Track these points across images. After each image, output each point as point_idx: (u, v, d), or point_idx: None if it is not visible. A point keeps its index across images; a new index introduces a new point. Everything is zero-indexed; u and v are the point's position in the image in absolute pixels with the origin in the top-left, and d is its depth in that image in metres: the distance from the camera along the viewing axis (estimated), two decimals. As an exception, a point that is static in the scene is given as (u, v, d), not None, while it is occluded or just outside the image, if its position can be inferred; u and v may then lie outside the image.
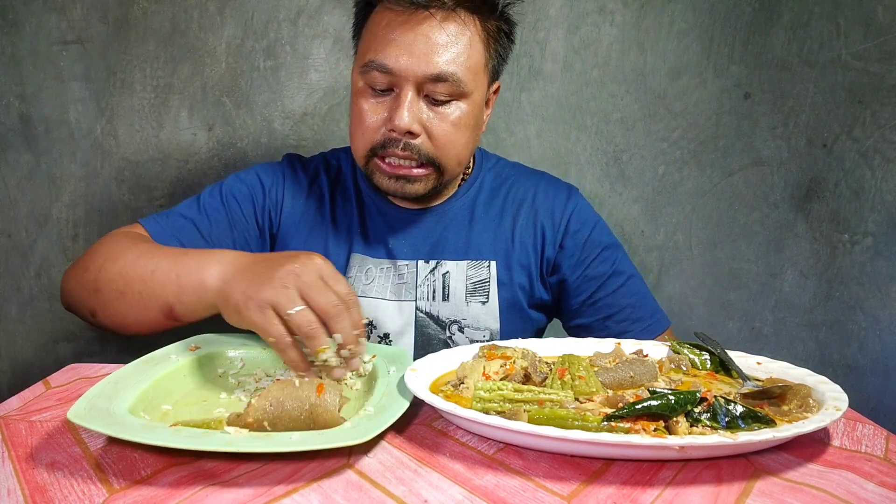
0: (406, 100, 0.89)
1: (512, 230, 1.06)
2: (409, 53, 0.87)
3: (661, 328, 1.06)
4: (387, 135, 0.92)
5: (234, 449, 0.52)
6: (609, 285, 1.05)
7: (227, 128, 1.47)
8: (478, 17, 0.92)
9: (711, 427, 0.59)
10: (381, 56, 0.88)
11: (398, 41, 0.87)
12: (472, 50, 0.91)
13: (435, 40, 0.88)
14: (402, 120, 0.88)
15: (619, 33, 1.50)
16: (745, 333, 1.62)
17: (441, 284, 1.03)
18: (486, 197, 1.08)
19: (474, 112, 0.95)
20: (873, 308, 1.56)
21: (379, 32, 0.90)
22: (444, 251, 1.05)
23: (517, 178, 1.11)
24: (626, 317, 1.05)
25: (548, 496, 0.51)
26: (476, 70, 0.92)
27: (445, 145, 0.93)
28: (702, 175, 1.56)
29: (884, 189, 1.53)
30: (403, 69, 0.88)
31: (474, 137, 0.98)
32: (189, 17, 1.43)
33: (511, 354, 0.73)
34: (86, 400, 0.58)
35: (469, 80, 0.91)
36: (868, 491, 0.53)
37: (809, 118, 1.53)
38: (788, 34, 1.50)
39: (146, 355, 0.73)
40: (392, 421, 0.59)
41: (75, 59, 1.42)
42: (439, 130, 0.92)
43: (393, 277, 1.04)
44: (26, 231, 1.48)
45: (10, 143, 1.44)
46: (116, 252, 0.85)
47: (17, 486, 0.52)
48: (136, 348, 0.77)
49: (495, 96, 1.04)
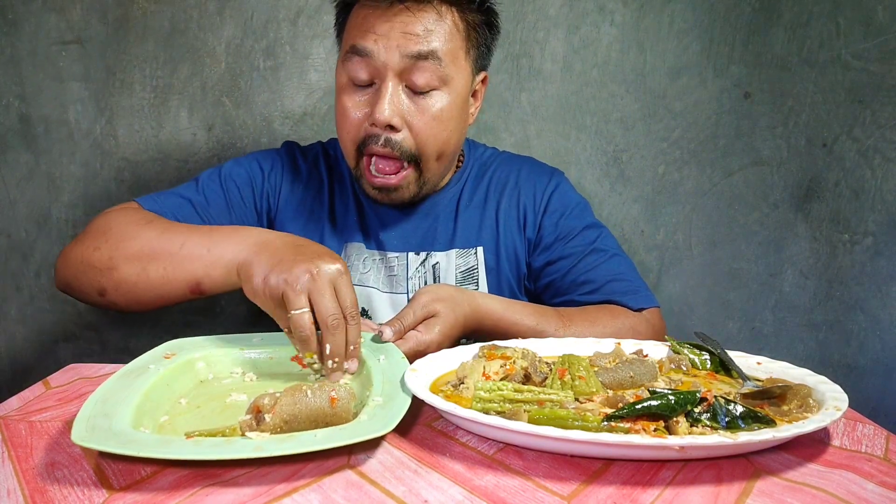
0: (387, 92, 0.89)
1: (496, 214, 1.07)
2: (387, 38, 0.88)
3: (647, 303, 1.00)
4: (368, 130, 0.92)
5: (265, 454, 0.52)
6: (588, 261, 1.03)
7: (226, 128, 1.47)
8: (455, 8, 0.92)
9: (711, 427, 0.59)
10: (361, 41, 0.89)
11: (376, 28, 0.89)
12: (450, 37, 0.91)
13: (412, 28, 0.89)
14: (382, 113, 0.89)
15: (618, 33, 1.50)
16: (745, 333, 1.62)
17: (432, 275, 1.05)
18: (471, 186, 1.10)
19: (457, 102, 0.94)
20: (873, 308, 1.56)
21: (357, 24, 0.91)
22: (434, 242, 1.06)
23: (500, 163, 1.13)
24: (610, 291, 1.00)
25: (548, 496, 0.51)
26: (455, 56, 0.92)
27: (427, 139, 0.93)
28: (702, 175, 1.56)
29: (884, 189, 1.52)
30: (382, 52, 0.88)
31: (459, 130, 0.98)
32: (189, 17, 1.43)
33: (511, 354, 0.73)
34: (83, 421, 0.56)
35: (450, 63, 0.91)
36: (868, 491, 0.53)
37: (809, 118, 1.53)
38: (788, 34, 1.50)
39: (123, 368, 0.70)
40: (406, 407, 0.60)
41: (75, 59, 1.42)
42: (420, 123, 0.92)
43: (384, 270, 1.05)
44: (26, 231, 1.48)
45: (9, 143, 1.44)
46: (132, 229, 0.85)
47: (17, 487, 0.52)
48: (137, 349, 0.77)
49: (484, 87, 1.04)
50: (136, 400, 0.63)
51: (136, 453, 0.51)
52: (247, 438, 0.55)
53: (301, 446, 0.53)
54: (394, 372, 0.70)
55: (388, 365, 0.72)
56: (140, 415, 0.61)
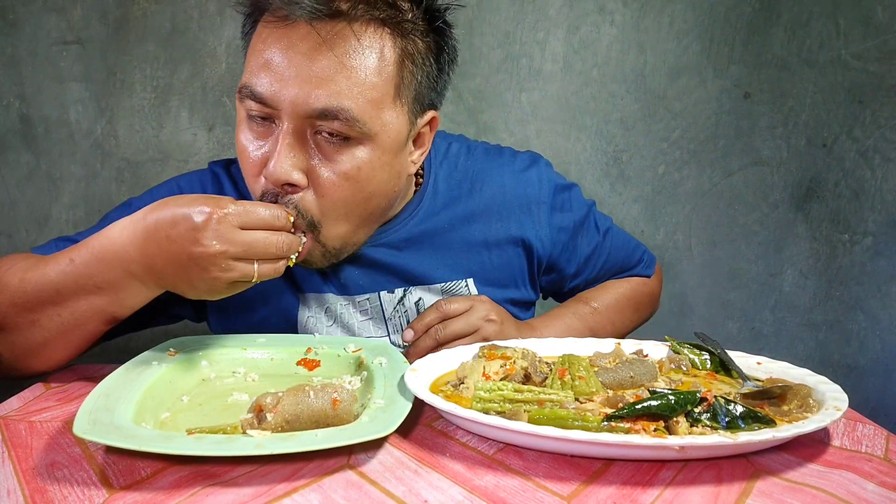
0: (285, 143, 0.70)
1: (485, 237, 0.92)
2: (284, 80, 0.69)
3: (652, 264, 1.11)
4: (265, 185, 0.74)
5: (266, 451, 0.52)
6: (602, 252, 1.04)
7: (226, 128, 1.47)
8: (387, 29, 0.72)
9: (711, 427, 0.59)
10: (254, 81, 0.71)
11: (272, 63, 0.69)
12: (374, 77, 0.70)
13: (318, 65, 0.68)
14: (277, 168, 0.70)
15: (618, 33, 1.50)
16: (745, 333, 1.62)
17: (415, 313, 0.90)
18: (442, 202, 0.90)
19: (383, 159, 0.74)
20: (873, 308, 1.56)
21: (256, 50, 0.72)
22: (411, 278, 0.90)
23: (476, 174, 0.93)
24: (621, 267, 1.07)
25: (548, 496, 0.51)
26: (381, 103, 0.72)
27: (334, 202, 0.74)
28: (702, 175, 1.56)
29: (884, 189, 1.52)
30: (278, 100, 0.69)
31: (384, 190, 0.78)
32: (189, 17, 1.43)
33: (511, 354, 0.73)
34: (85, 414, 0.57)
35: (370, 118, 0.71)
36: (868, 491, 0.53)
37: (809, 118, 1.53)
38: (788, 34, 1.50)
39: (127, 363, 0.71)
40: (408, 410, 0.60)
41: (75, 60, 1.42)
42: (327, 182, 0.72)
43: (355, 314, 0.90)
44: (26, 231, 1.48)
45: (10, 144, 1.44)
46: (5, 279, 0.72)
47: (17, 487, 0.52)
48: (137, 349, 0.77)
49: (432, 132, 0.83)
50: (138, 396, 0.63)
51: (138, 447, 0.52)
52: (248, 436, 0.56)
53: (302, 445, 0.53)
54: (395, 375, 0.70)
55: (389, 369, 0.72)
56: (142, 410, 0.61)
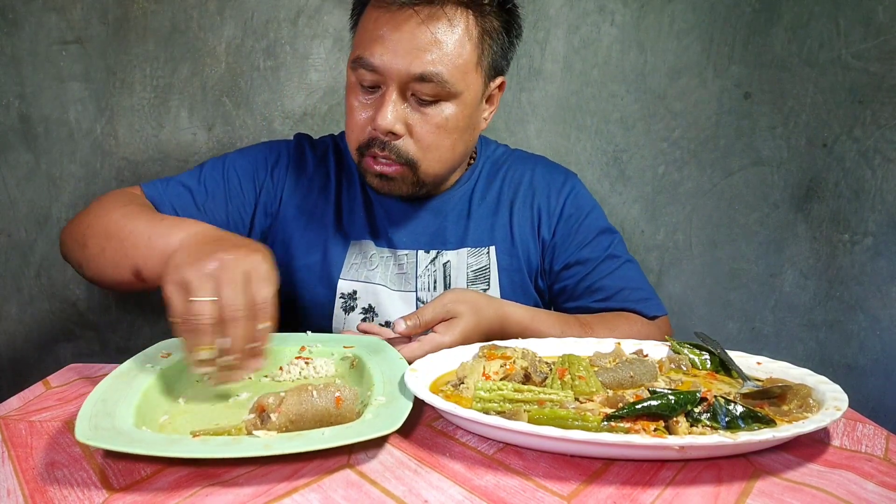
0: (390, 100, 0.89)
1: (510, 214, 1.07)
2: (393, 52, 0.87)
3: (659, 311, 1.05)
4: (371, 134, 0.92)
5: (275, 452, 0.52)
6: (603, 268, 1.05)
7: (226, 128, 1.47)
8: (471, 11, 0.90)
9: (711, 427, 0.59)
10: (367, 53, 0.88)
11: (384, 39, 0.87)
12: (460, 48, 0.89)
13: (419, 39, 0.86)
14: (384, 120, 0.88)
15: (618, 33, 1.50)
16: (745, 333, 1.62)
17: (442, 274, 1.03)
18: (483, 184, 1.09)
19: (465, 113, 0.93)
20: (873, 308, 1.56)
21: (368, 28, 0.90)
22: (444, 241, 1.05)
23: (513, 162, 1.12)
24: (624, 298, 1.04)
25: (548, 496, 0.51)
26: (466, 69, 0.90)
27: (428, 147, 0.93)
28: (702, 175, 1.56)
29: (884, 189, 1.52)
30: (387, 68, 0.87)
31: (465, 138, 0.97)
32: (189, 16, 1.43)
33: (511, 354, 0.73)
34: (85, 420, 0.56)
35: (457, 80, 0.89)
36: (868, 491, 0.53)
37: (809, 118, 1.53)
38: (788, 34, 1.50)
39: (120, 367, 0.71)
40: (410, 407, 0.61)
41: (75, 59, 1.42)
42: (423, 131, 0.91)
43: (393, 267, 1.04)
44: (26, 231, 1.48)
45: (10, 143, 1.44)
46: (106, 210, 0.87)
47: (17, 487, 0.52)
48: (137, 348, 0.77)
49: (500, 92, 1.02)
50: (136, 399, 0.63)
51: (144, 452, 0.51)
52: (254, 437, 0.56)
53: (310, 444, 0.53)
54: (393, 372, 0.70)
55: (386, 366, 0.72)
56: (141, 414, 0.61)
